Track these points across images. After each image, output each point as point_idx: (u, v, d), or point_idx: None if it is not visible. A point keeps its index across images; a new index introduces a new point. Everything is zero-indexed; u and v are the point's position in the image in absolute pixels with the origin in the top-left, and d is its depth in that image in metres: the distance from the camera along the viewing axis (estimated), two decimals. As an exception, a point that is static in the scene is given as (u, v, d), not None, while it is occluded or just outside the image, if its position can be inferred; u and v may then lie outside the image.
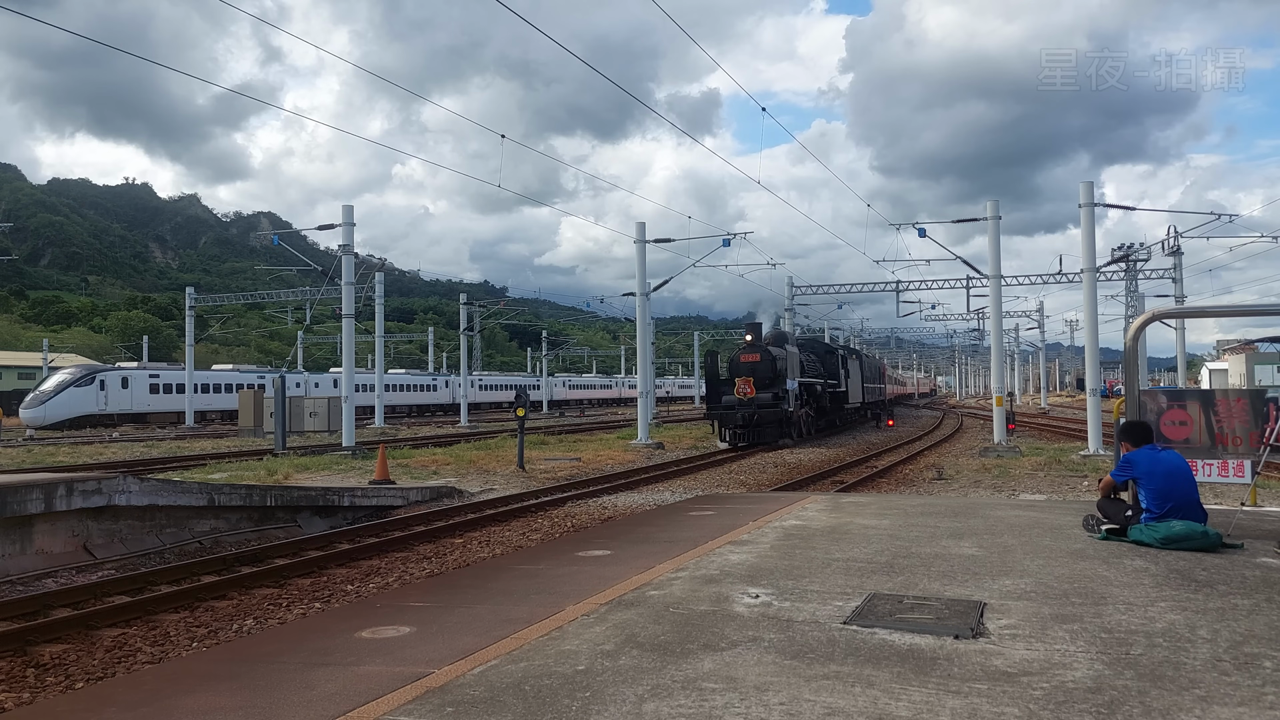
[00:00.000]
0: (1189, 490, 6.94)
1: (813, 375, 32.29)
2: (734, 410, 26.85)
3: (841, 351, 37.21)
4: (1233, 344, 64.08)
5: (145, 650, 6.82)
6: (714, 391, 29.15)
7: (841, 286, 45.48)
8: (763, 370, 27.67)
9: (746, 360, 28.08)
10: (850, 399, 37.55)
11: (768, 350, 28.38)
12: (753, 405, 26.92)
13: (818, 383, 32.37)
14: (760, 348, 28.32)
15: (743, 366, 28.07)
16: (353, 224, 27.51)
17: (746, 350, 28.60)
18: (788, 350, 29.12)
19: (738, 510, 9.59)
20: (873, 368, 49.92)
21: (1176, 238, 33.14)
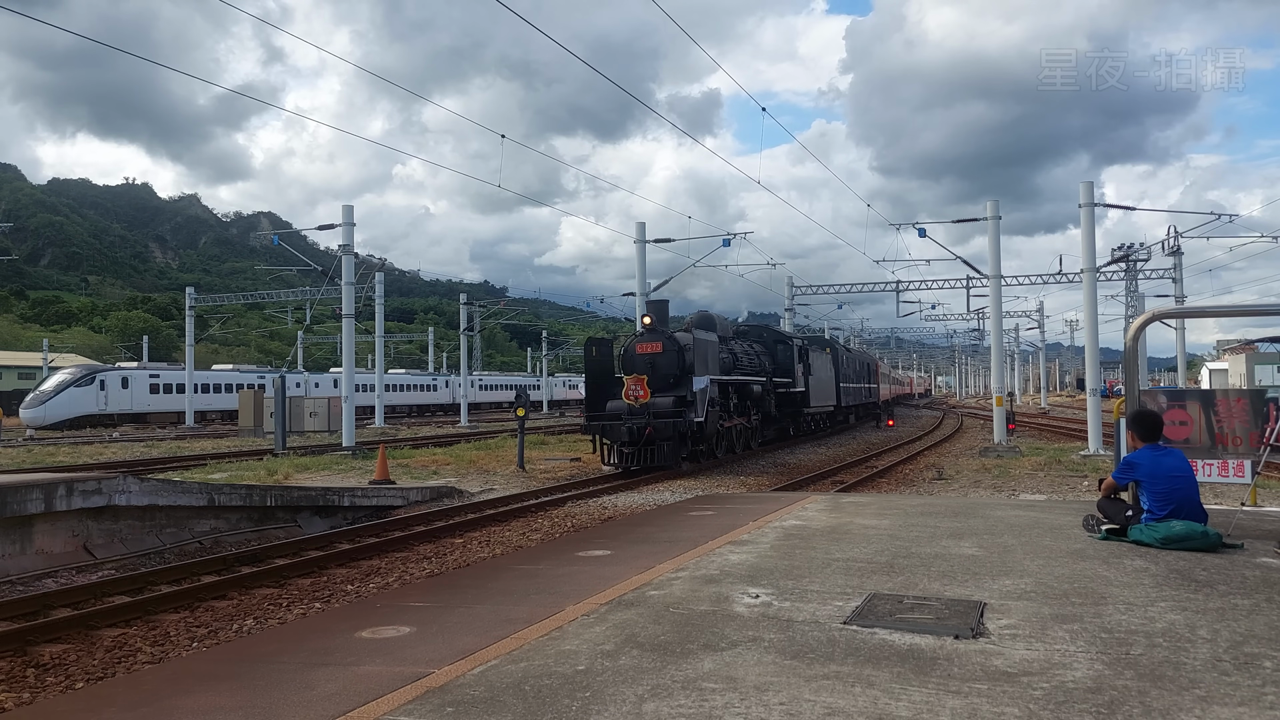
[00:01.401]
0: (1190, 492, 6.94)
1: (750, 371, 24.75)
2: (621, 421, 19.37)
3: (799, 342, 29.11)
4: (1233, 344, 64.10)
5: (145, 650, 6.81)
6: (598, 394, 20.85)
7: (841, 286, 45.53)
8: (665, 365, 20.15)
9: (643, 351, 20.37)
10: (813, 401, 29.75)
11: (673, 339, 20.54)
12: (646, 413, 19.21)
13: (756, 382, 24.48)
14: (663, 334, 20.62)
15: (638, 360, 20.35)
16: (353, 224, 27.52)
17: (644, 337, 20.71)
18: (702, 338, 21.28)
19: (738, 510, 9.59)
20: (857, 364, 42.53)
21: (1176, 238, 33.15)
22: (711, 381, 20.44)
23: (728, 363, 23.03)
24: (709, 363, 21.22)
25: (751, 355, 25.77)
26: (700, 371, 20.29)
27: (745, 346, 25.74)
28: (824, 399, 32.06)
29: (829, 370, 33.36)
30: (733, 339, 25.05)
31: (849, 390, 38.04)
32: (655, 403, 19.47)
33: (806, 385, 28.88)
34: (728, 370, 22.78)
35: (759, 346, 26.91)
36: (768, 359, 26.86)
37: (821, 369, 31.79)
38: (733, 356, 23.88)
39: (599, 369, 21.39)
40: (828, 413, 34.14)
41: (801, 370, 28.54)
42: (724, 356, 22.98)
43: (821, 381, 31.50)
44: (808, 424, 31.35)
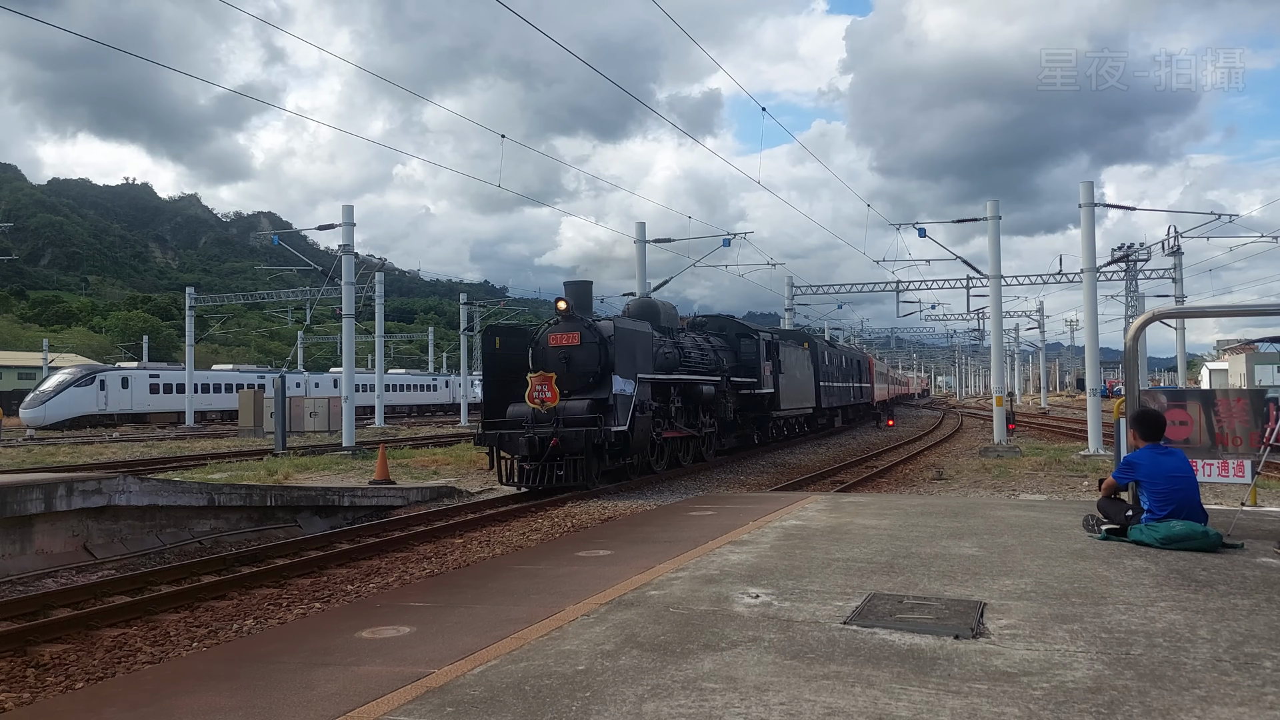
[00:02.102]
0: (1191, 492, 6.94)
1: (702, 369, 20.80)
2: (522, 430, 15.63)
3: (767, 337, 25.05)
4: (1233, 344, 64.09)
5: (145, 650, 6.81)
6: (500, 395, 16.98)
7: (841, 286, 45.55)
8: (583, 361, 16.36)
9: (557, 344, 16.57)
10: (784, 403, 25.83)
11: (594, 328, 16.62)
12: (552, 421, 15.52)
13: (708, 382, 20.46)
14: (580, 323, 16.69)
15: (550, 355, 16.56)
16: (353, 224, 27.53)
17: (558, 326, 16.87)
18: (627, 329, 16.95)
19: (738, 510, 9.59)
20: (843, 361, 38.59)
21: (1176, 238, 33.16)
22: (641, 382, 16.66)
23: (671, 359, 19.16)
24: (637, 358, 16.77)
25: (705, 351, 21.67)
26: (625, 369, 16.18)
27: (698, 340, 21.78)
28: (798, 400, 28.36)
29: (806, 368, 29.92)
30: (684, 332, 21.46)
31: (833, 390, 34.71)
32: (566, 407, 15.70)
33: (776, 385, 25.13)
34: (670, 368, 19.01)
35: (717, 341, 23.02)
36: (728, 355, 23.03)
37: (796, 367, 28.12)
38: (679, 352, 19.90)
39: (503, 364, 17.13)
40: (804, 416, 30.57)
41: (770, 368, 24.78)
42: (666, 351, 18.96)
43: (796, 381, 27.88)
44: (778, 429, 27.62)
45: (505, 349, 17.32)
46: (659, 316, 20.33)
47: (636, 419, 16.24)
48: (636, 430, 16.31)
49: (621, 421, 15.80)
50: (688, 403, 19.94)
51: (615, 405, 15.81)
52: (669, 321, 20.91)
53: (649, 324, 18.70)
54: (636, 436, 16.38)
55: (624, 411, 15.91)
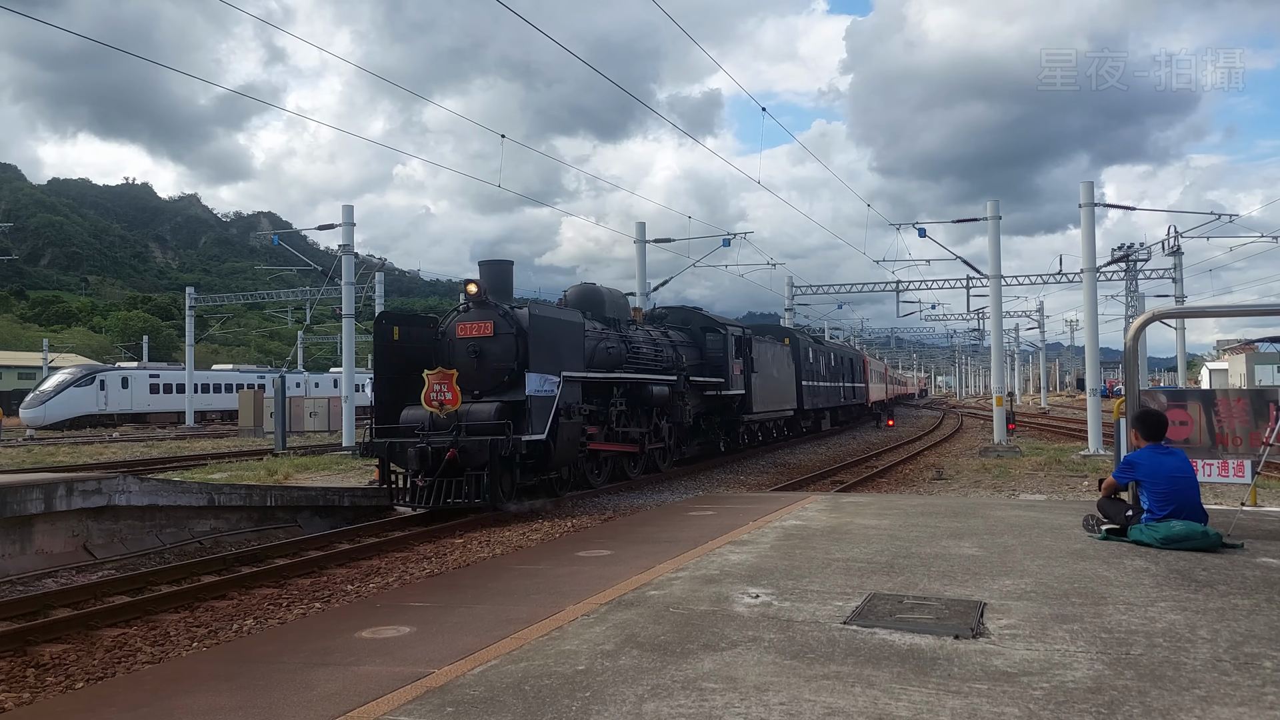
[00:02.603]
0: (1191, 492, 6.93)
1: (654, 367, 18.12)
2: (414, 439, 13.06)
3: (738, 332, 22.25)
4: (1233, 344, 64.12)
5: (145, 650, 6.81)
6: (391, 395, 14.19)
7: (842, 286, 45.57)
8: (497, 355, 13.76)
9: (466, 335, 13.98)
10: (757, 405, 23.08)
11: (510, 317, 13.95)
12: (452, 428, 12.97)
13: (660, 382, 17.75)
14: (494, 310, 14.01)
15: (458, 348, 13.95)
16: (353, 224, 27.54)
17: (466, 315, 14.22)
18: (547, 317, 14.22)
19: (738, 510, 9.59)
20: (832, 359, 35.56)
21: (1176, 238, 33.17)
22: (569, 381, 13.97)
23: (615, 354, 16.55)
24: (562, 352, 14.05)
25: (661, 346, 18.95)
26: (544, 364, 13.43)
27: (653, 335, 19.18)
28: (775, 402, 25.43)
29: (786, 366, 27.15)
30: (636, 324, 18.87)
31: (818, 390, 31.84)
32: (471, 411, 13.11)
33: (748, 385, 22.36)
34: (614, 364, 16.44)
35: (678, 336, 20.40)
36: (690, 352, 20.39)
37: (773, 365, 25.33)
38: (626, 347, 17.21)
39: (403, 359, 14.20)
40: (784, 419, 27.79)
41: (740, 367, 21.94)
42: (609, 346, 16.37)
43: (773, 381, 24.99)
44: (750, 434, 24.77)
45: (406, 340, 14.49)
46: (603, 306, 17.57)
47: (561, 425, 13.58)
48: (561, 439, 13.64)
49: (539, 428, 13.04)
50: (635, 406, 17.20)
51: (531, 409, 13.02)
52: (616, 312, 18.05)
53: (584, 313, 16.21)
54: (561, 446, 13.67)
55: (542, 416, 13.15)
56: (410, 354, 14.32)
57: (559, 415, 13.55)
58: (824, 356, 33.74)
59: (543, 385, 13.29)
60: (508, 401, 13.32)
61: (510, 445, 12.68)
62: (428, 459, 12.78)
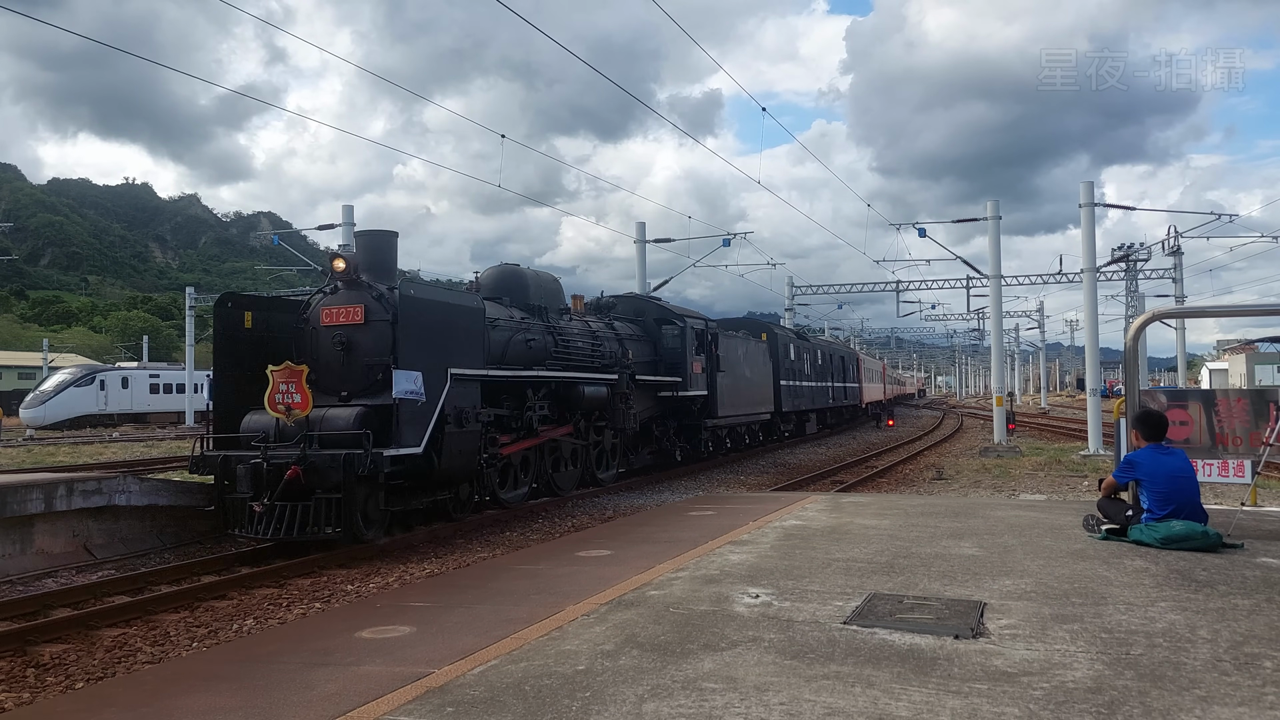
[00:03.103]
0: (1191, 493, 6.94)
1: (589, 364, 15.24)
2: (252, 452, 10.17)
3: (698, 324, 19.57)
4: (1233, 344, 64.12)
5: (145, 650, 6.81)
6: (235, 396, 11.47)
7: (842, 286, 45.55)
8: (368, 348, 11.02)
9: (332, 322, 11.14)
10: (724, 409, 20.34)
11: (385, 299, 11.13)
12: (300, 439, 10.10)
13: (597, 381, 15.14)
14: (367, 291, 11.21)
15: (322, 339, 11.18)
16: (353, 224, 27.53)
17: (334, 297, 11.36)
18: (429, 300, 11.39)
19: (738, 510, 9.60)
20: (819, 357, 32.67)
21: (1176, 238, 33.18)
22: (461, 380, 11.14)
23: (536, 348, 13.65)
24: (452, 345, 11.10)
25: (601, 340, 16.06)
26: (421, 359, 10.43)
27: (593, 327, 16.26)
28: (749, 404, 22.69)
29: (762, 365, 24.22)
30: (572, 314, 16.01)
31: (800, 391, 29.04)
32: (327, 418, 10.29)
33: (712, 385, 19.74)
34: (534, 360, 13.58)
35: (627, 328, 17.71)
36: (641, 347, 17.73)
37: (746, 363, 22.57)
38: (553, 339, 14.30)
39: (254, 352, 11.44)
40: (758, 423, 24.52)
41: (701, 364, 19.31)
42: (529, 339, 13.51)
43: (745, 381, 22.33)
44: (716, 441, 21.16)
45: (263, 329, 11.71)
46: (526, 291, 14.65)
47: (449, 435, 10.81)
48: (449, 451, 10.86)
49: (412, 439, 10.20)
50: (563, 409, 14.59)
51: (401, 416, 10.12)
52: (544, 298, 15.10)
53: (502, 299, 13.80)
54: (449, 461, 10.87)
55: (417, 424, 10.31)
56: (269, 345, 11.44)
57: (445, 422, 10.78)
58: (809, 354, 31.08)
59: (414, 386, 10.27)
60: (375, 406, 10.43)
61: (370, 461, 9.67)
62: (262, 478, 9.80)
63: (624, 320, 18.16)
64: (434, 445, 10.66)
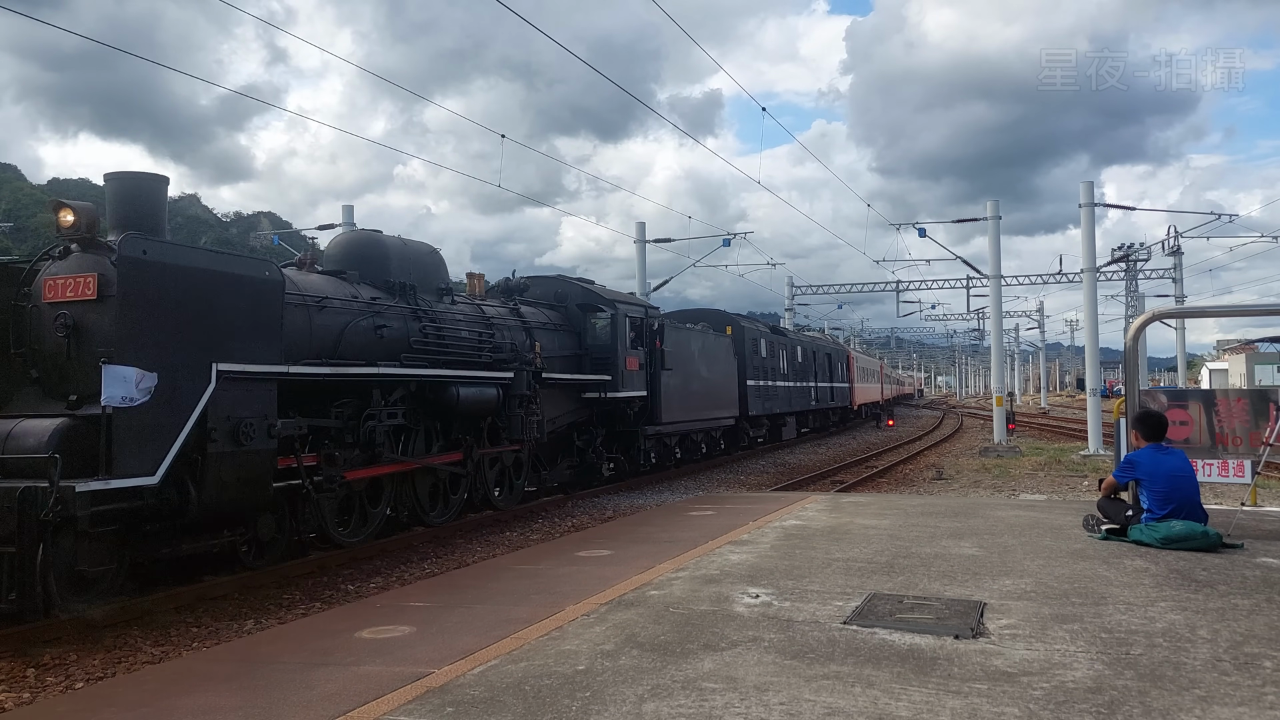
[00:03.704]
0: (1191, 492, 6.94)
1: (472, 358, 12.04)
2: None
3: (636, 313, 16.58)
4: (1233, 344, 64.10)
5: (145, 650, 6.82)
6: None
7: (842, 286, 45.60)
8: (99, 331, 7.33)
9: (53, 298, 7.62)
10: (668, 414, 17.18)
11: (137, 261, 7.09)
12: None
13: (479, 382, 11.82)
14: (105, 254, 7.48)
15: (44, 319, 7.67)
16: (353, 224, 27.51)
17: (59, 262, 7.81)
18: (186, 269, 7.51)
19: (738, 510, 9.60)
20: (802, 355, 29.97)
21: (1176, 238, 33.19)
22: (243, 381, 8.07)
23: (388, 337, 10.53)
24: (228, 330, 8.01)
25: (497, 328, 12.74)
26: (172, 351, 7.39)
27: (491, 312, 12.96)
28: (702, 408, 19.45)
29: (724, 362, 21.20)
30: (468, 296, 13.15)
31: (773, 393, 25.77)
32: (13, 435, 7.22)
33: (655, 386, 16.59)
34: (389, 352, 10.45)
35: (541, 315, 14.49)
36: (559, 339, 14.67)
37: (701, 360, 19.46)
38: (420, 326, 11.15)
39: None
40: (720, 429, 21.34)
41: (639, 360, 16.09)
42: (375, 325, 10.42)
43: (698, 380, 19.19)
44: (661, 451, 18.06)
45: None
46: (386, 264, 11.18)
47: (213, 458, 7.72)
48: (214, 480, 7.75)
49: (139, 465, 7.02)
50: (432, 418, 11.25)
51: (115, 430, 6.92)
52: (413, 274, 11.48)
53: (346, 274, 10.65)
54: (214, 493, 7.77)
55: (147, 443, 7.12)
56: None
57: (208, 440, 7.66)
58: (785, 350, 27.93)
59: (133, 388, 7.03)
60: (90, 417, 7.18)
61: (57, 499, 6.43)
62: None
63: (539, 305, 14.95)
64: (190, 471, 7.61)
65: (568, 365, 14.76)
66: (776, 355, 26.74)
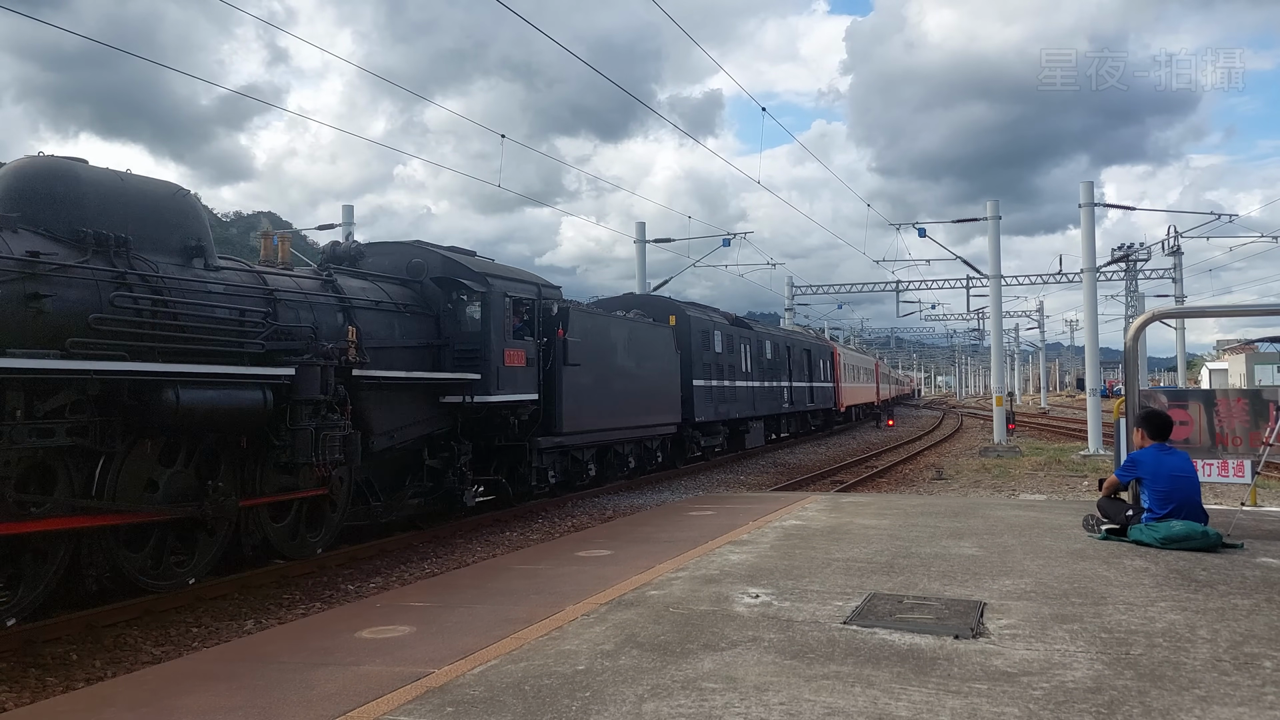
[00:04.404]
0: (1192, 492, 6.94)
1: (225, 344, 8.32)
2: None
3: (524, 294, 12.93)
4: (1233, 344, 64.08)
5: (145, 650, 6.82)
6: None
7: (841, 286, 45.59)
8: None
9: None
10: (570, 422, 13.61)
11: None
12: None
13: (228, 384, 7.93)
14: None
15: None
16: (353, 224, 27.50)
17: None
18: None
19: (738, 510, 9.60)
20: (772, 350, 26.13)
21: (1176, 238, 33.20)
22: None
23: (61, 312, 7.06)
24: None
25: (296, 304, 9.60)
26: None
27: (275, 283, 9.53)
28: (625, 415, 15.56)
29: (661, 358, 17.47)
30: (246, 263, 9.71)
31: (731, 393, 21.93)
32: None
33: (553, 387, 13.16)
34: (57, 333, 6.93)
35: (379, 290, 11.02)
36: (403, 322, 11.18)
37: (625, 354, 15.79)
38: (142, 296, 7.75)
39: None
40: (657, 437, 17.73)
41: (530, 354, 12.69)
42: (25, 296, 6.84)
43: (620, 379, 15.39)
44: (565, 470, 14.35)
45: None
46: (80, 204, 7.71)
47: None
48: None
49: None
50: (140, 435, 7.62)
51: None
52: (133, 222, 7.99)
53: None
54: None
55: None
56: None
57: None
58: (749, 345, 24.04)
59: None
60: None
61: None
62: None
63: (377, 279, 11.17)
64: None
65: (417, 359, 11.17)
66: (737, 350, 23.02)
